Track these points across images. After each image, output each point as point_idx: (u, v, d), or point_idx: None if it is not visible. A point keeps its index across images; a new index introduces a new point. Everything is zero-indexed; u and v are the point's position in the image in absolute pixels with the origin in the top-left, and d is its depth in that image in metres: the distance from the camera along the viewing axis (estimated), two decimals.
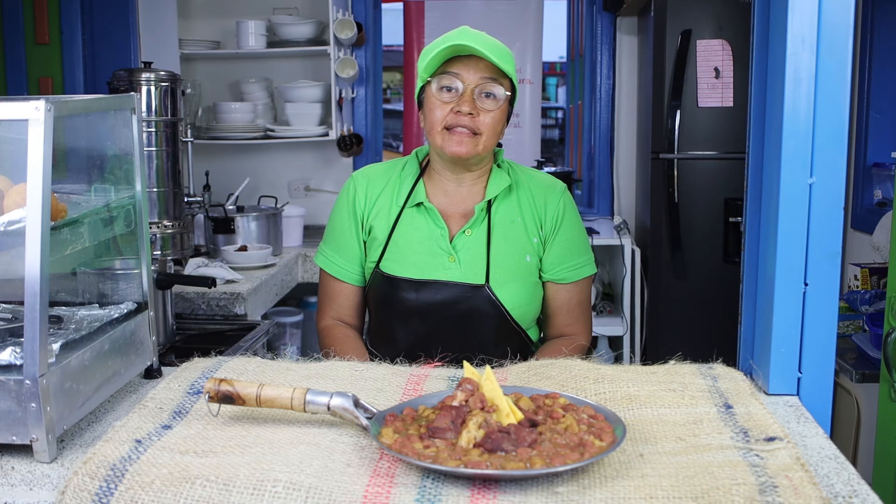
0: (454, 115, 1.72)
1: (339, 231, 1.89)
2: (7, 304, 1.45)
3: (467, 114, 1.71)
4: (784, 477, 1.01)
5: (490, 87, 1.72)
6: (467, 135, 1.72)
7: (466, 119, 1.71)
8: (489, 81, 1.72)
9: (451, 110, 1.72)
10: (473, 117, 1.72)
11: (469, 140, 1.73)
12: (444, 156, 1.77)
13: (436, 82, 1.74)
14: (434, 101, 1.74)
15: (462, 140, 1.73)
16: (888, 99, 3.05)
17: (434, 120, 1.74)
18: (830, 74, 1.28)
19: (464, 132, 1.72)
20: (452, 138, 1.73)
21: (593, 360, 1.46)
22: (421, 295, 1.79)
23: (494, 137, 1.77)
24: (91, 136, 1.52)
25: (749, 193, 1.47)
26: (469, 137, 1.73)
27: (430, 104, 1.75)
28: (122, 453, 1.10)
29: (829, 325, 1.34)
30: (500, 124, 1.76)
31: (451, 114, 1.72)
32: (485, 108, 1.72)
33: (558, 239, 1.85)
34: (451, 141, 1.73)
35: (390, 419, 1.17)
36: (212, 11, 4.11)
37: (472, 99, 1.72)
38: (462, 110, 1.71)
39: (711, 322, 3.51)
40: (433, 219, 1.81)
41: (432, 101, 1.74)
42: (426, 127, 1.78)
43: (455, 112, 1.72)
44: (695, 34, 3.55)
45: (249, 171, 3.86)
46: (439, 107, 1.73)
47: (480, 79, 1.72)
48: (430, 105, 1.75)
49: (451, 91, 1.73)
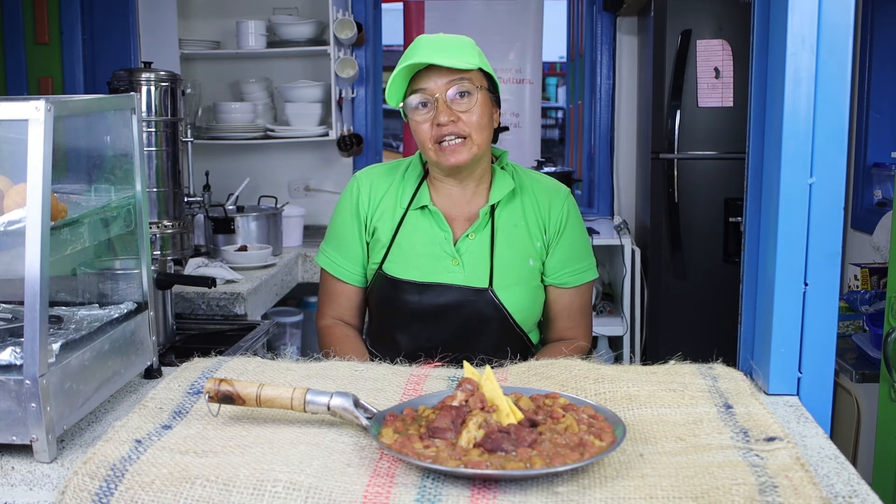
0: (437, 128, 1.71)
1: (341, 231, 1.89)
2: (7, 304, 1.45)
3: (448, 122, 1.70)
4: (784, 477, 1.01)
5: (459, 87, 1.71)
6: (458, 144, 1.72)
7: (450, 127, 1.71)
8: (456, 82, 1.71)
9: (432, 124, 1.72)
10: (455, 122, 1.71)
11: (461, 146, 1.72)
12: (444, 169, 1.78)
13: (408, 103, 1.74)
14: (414, 121, 1.74)
15: (455, 149, 1.72)
16: (888, 99, 3.05)
17: (422, 139, 1.75)
18: (830, 74, 1.28)
19: (454, 143, 1.72)
20: (445, 151, 1.73)
21: (593, 361, 1.46)
22: (424, 298, 1.79)
23: (484, 132, 1.75)
24: (91, 136, 1.52)
25: (749, 193, 1.47)
26: (460, 144, 1.72)
27: (413, 125, 1.75)
28: (122, 453, 1.10)
29: (829, 325, 1.34)
30: (485, 117, 1.74)
31: (434, 128, 1.72)
32: (461, 110, 1.71)
33: (561, 243, 1.85)
34: (445, 154, 1.73)
35: (390, 419, 1.17)
36: (212, 11, 4.11)
37: (447, 106, 1.71)
38: (441, 122, 1.70)
39: (711, 322, 3.51)
40: (437, 222, 1.81)
41: (412, 122, 1.75)
42: (419, 146, 1.79)
43: (437, 126, 1.71)
44: (695, 34, 3.55)
45: (249, 171, 3.85)
46: (420, 125, 1.73)
47: (447, 83, 1.70)
48: (413, 126, 1.75)
49: (426, 106, 1.72)
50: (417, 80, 1.72)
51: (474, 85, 1.72)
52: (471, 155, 1.73)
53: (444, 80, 1.70)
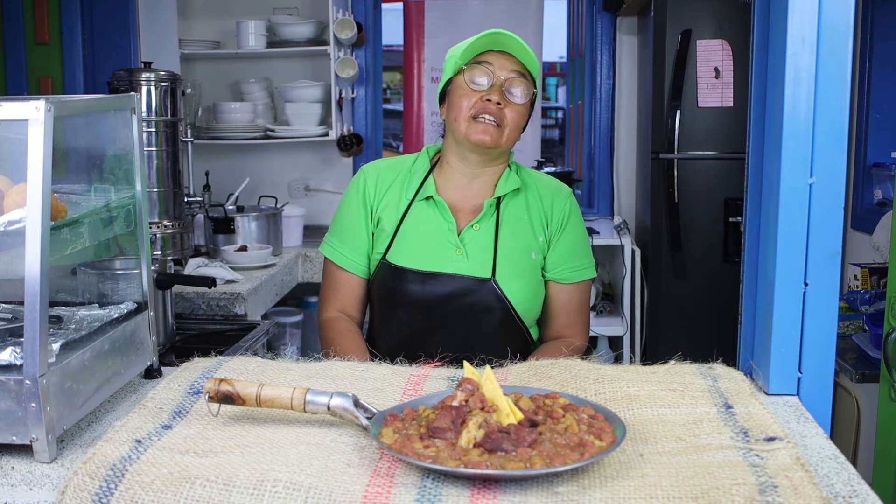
0: (482, 103, 1.77)
1: (347, 221, 1.91)
2: (7, 304, 1.45)
3: (496, 103, 1.76)
4: (784, 477, 1.01)
5: (518, 83, 1.78)
6: (492, 125, 1.77)
7: (494, 108, 1.76)
8: (518, 77, 1.78)
9: (480, 98, 1.77)
10: (501, 108, 1.77)
11: (494, 130, 1.77)
12: (467, 144, 1.80)
13: (468, 71, 1.79)
14: (463, 89, 1.79)
15: (487, 129, 1.77)
16: (888, 99, 3.05)
17: (461, 107, 1.79)
18: (830, 74, 1.28)
19: (489, 122, 1.77)
20: (478, 126, 1.77)
21: (593, 360, 1.46)
22: (426, 287, 1.81)
23: (516, 132, 1.82)
24: (91, 136, 1.52)
25: (749, 193, 1.47)
26: (494, 127, 1.77)
27: (459, 93, 1.80)
28: (122, 453, 1.10)
29: (829, 325, 1.34)
30: (522, 120, 1.82)
31: (480, 102, 1.77)
32: (512, 102, 1.78)
33: (562, 239, 1.88)
34: (477, 129, 1.77)
35: (390, 419, 1.17)
36: (212, 11, 4.11)
37: (501, 91, 1.77)
38: (491, 98, 1.76)
39: (711, 322, 3.51)
40: (442, 212, 1.84)
41: (461, 90, 1.79)
42: (451, 116, 1.82)
43: (484, 101, 1.77)
44: (695, 34, 3.55)
45: (249, 171, 3.85)
46: (468, 95, 1.78)
47: (511, 72, 1.78)
48: (459, 94, 1.80)
49: (480, 83, 1.78)
50: (485, 56, 1.79)
51: (530, 90, 1.80)
52: (498, 141, 1.79)
53: (510, 69, 1.78)
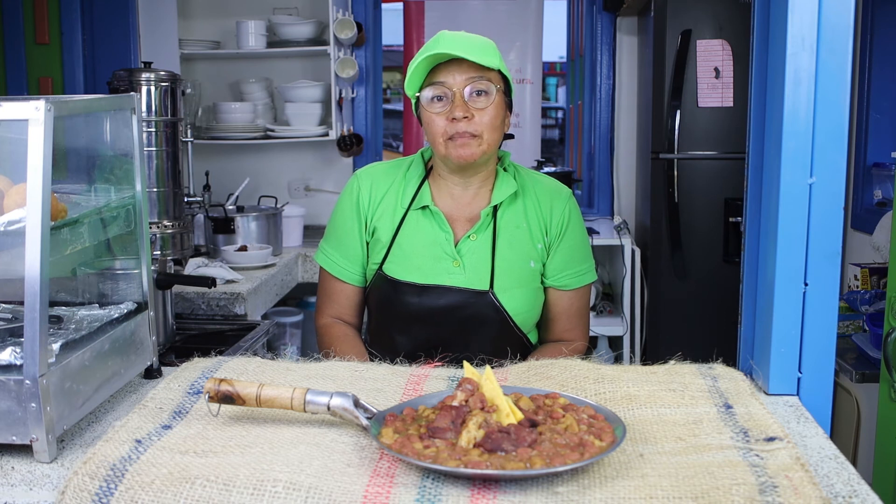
0: (451, 123, 1.71)
1: (341, 230, 1.88)
2: (7, 304, 1.45)
3: (462, 118, 1.70)
4: (784, 477, 1.01)
5: (478, 86, 1.71)
6: (468, 137, 1.71)
7: (463, 124, 1.70)
8: (476, 80, 1.71)
9: (447, 119, 1.71)
10: (469, 120, 1.70)
11: (472, 142, 1.72)
12: (451, 163, 1.77)
13: (424, 95, 1.73)
14: (428, 114, 1.74)
15: (465, 144, 1.71)
16: (888, 99, 3.05)
17: (434, 132, 1.74)
18: (830, 74, 1.28)
19: (465, 136, 1.71)
20: (455, 144, 1.72)
21: (593, 361, 1.46)
22: (423, 300, 1.79)
23: (496, 133, 1.75)
24: (91, 136, 1.52)
25: (749, 193, 1.47)
26: (471, 139, 1.72)
27: (426, 118, 1.74)
28: (122, 453, 1.10)
29: (829, 325, 1.34)
30: (498, 118, 1.74)
31: (448, 122, 1.71)
32: (478, 108, 1.71)
33: (563, 245, 1.85)
34: (455, 147, 1.72)
35: (390, 419, 1.17)
36: (212, 11, 4.11)
37: (464, 102, 1.71)
38: (456, 116, 1.70)
39: (711, 322, 3.52)
40: (438, 223, 1.81)
41: (427, 114, 1.74)
42: (428, 139, 1.78)
43: (451, 120, 1.71)
44: (695, 34, 3.55)
45: (249, 171, 3.86)
46: (435, 118, 1.73)
47: (466, 80, 1.70)
48: (427, 118, 1.74)
49: (441, 100, 1.72)
50: (437, 73, 1.72)
51: (493, 85, 1.72)
52: (480, 153, 1.73)
53: (464, 77, 1.71)
